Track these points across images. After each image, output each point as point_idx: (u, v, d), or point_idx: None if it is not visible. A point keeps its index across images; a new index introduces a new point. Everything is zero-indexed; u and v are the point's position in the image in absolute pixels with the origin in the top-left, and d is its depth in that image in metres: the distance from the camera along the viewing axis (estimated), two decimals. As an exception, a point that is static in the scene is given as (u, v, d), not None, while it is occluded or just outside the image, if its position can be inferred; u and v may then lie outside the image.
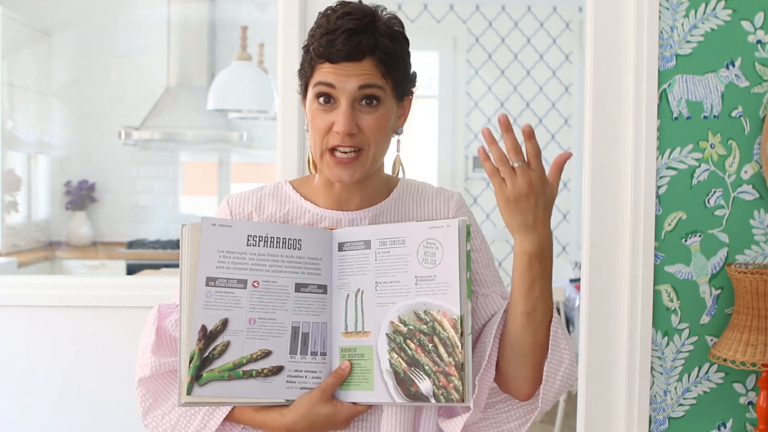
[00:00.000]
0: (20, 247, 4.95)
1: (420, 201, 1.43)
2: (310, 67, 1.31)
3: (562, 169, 1.25)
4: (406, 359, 1.29)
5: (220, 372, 1.27)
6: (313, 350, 1.32)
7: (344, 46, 1.26)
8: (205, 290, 1.29)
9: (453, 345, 1.26)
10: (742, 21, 2.35)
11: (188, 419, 1.34)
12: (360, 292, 1.33)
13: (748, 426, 2.40)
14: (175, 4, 5.33)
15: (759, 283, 2.20)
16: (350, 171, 1.31)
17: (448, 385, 1.26)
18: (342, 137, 1.28)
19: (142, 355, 1.38)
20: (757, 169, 2.37)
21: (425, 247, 1.31)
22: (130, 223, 5.51)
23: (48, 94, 5.40)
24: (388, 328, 1.30)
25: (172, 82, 5.36)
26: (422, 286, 1.30)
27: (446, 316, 1.28)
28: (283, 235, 1.33)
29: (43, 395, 2.61)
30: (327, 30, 1.28)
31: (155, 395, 1.36)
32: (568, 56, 5.74)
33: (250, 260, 1.31)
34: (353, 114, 1.29)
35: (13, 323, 2.60)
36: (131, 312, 2.59)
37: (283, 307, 1.31)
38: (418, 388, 1.28)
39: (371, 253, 1.34)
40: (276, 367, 1.30)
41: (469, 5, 5.71)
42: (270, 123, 5.30)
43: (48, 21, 5.30)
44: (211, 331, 1.28)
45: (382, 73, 1.29)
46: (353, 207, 1.40)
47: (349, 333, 1.33)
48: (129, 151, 5.49)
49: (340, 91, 1.28)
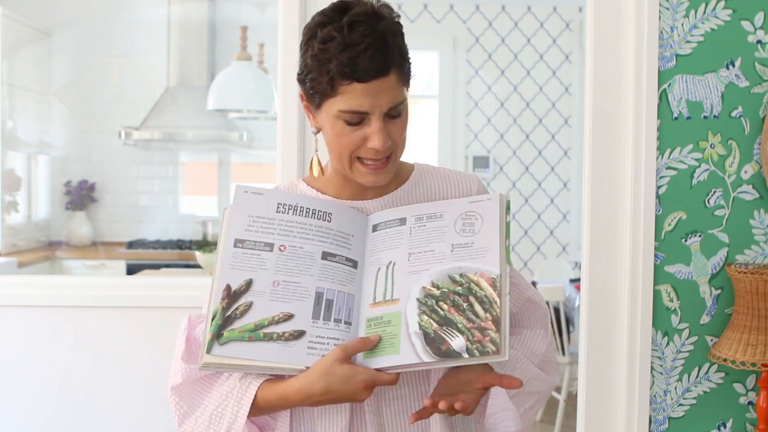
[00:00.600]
0: (20, 247, 4.95)
1: (442, 183, 1.44)
2: (331, 86, 1.26)
3: None
4: (437, 320, 1.26)
5: (241, 332, 1.26)
6: (336, 317, 1.30)
7: (372, 65, 1.24)
8: (233, 251, 1.30)
9: (491, 301, 1.25)
10: (742, 21, 2.35)
11: (220, 414, 1.31)
12: (391, 264, 1.32)
13: (748, 426, 2.40)
14: (175, 4, 5.32)
15: (759, 283, 2.20)
16: (384, 175, 1.34)
17: (484, 338, 1.23)
18: (377, 152, 1.29)
19: (174, 364, 1.37)
20: (757, 169, 2.37)
21: (463, 219, 1.32)
22: (130, 223, 5.51)
23: (48, 94, 5.39)
24: (420, 293, 1.28)
25: (172, 82, 5.36)
26: (458, 252, 1.30)
27: (484, 276, 1.27)
28: (313, 207, 1.35)
29: (43, 395, 2.61)
30: (345, 45, 1.24)
31: (189, 402, 1.35)
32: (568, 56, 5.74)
33: (279, 226, 1.33)
34: (386, 129, 1.29)
35: (13, 323, 2.60)
36: (131, 312, 2.59)
37: (308, 272, 1.30)
38: (449, 346, 1.24)
39: (406, 229, 1.34)
40: (297, 331, 1.27)
41: (469, 5, 5.71)
42: (270, 123, 5.30)
43: (48, 21, 5.30)
44: (235, 291, 1.28)
45: (402, 82, 1.30)
46: (371, 194, 1.41)
47: (377, 303, 1.31)
48: (129, 151, 5.49)
49: (372, 110, 1.27)
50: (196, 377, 1.34)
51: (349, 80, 1.25)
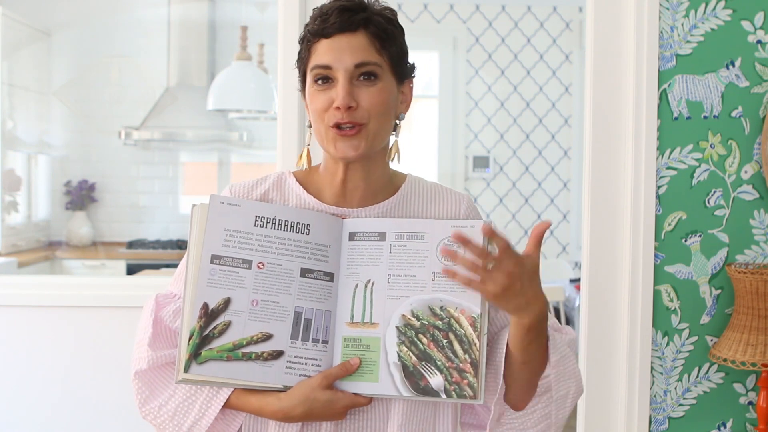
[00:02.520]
0: (20, 247, 4.95)
1: (429, 200, 1.42)
2: (307, 51, 1.32)
3: (541, 239, 1.21)
4: (416, 353, 1.27)
5: (219, 352, 1.26)
6: (314, 337, 1.30)
7: (337, 19, 1.28)
8: (210, 267, 1.28)
9: (470, 342, 1.26)
10: (742, 21, 2.35)
11: (187, 408, 1.33)
12: (370, 283, 1.31)
13: (748, 426, 2.40)
14: (175, 4, 5.32)
15: (759, 283, 2.20)
16: (354, 143, 1.30)
17: (462, 381, 1.25)
18: (342, 112, 1.28)
19: (139, 348, 1.37)
20: (757, 169, 2.37)
21: (446, 245, 1.30)
22: (130, 223, 5.51)
23: (48, 94, 5.39)
24: (399, 321, 1.29)
25: (172, 82, 5.36)
26: (439, 282, 1.28)
27: (464, 314, 1.27)
28: (291, 219, 1.32)
29: (43, 395, 2.61)
30: (320, 13, 1.32)
31: (151, 387, 1.35)
32: (568, 56, 5.74)
33: (257, 241, 1.30)
34: (351, 89, 1.28)
35: (13, 323, 2.60)
36: (131, 312, 2.59)
37: (287, 291, 1.30)
38: (428, 383, 1.26)
39: (386, 245, 1.32)
40: (276, 351, 1.28)
41: (469, 5, 5.71)
42: (270, 123, 5.30)
43: (48, 21, 5.30)
44: (212, 309, 1.27)
45: (377, 48, 1.30)
46: (357, 201, 1.38)
47: (354, 323, 1.31)
48: (129, 151, 5.49)
49: (337, 69, 1.28)
50: (162, 363, 1.35)
51: (317, 38, 1.30)
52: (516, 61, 5.74)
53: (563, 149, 5.76)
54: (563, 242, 5.82)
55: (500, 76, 5.74)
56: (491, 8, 5.72)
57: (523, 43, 5.74)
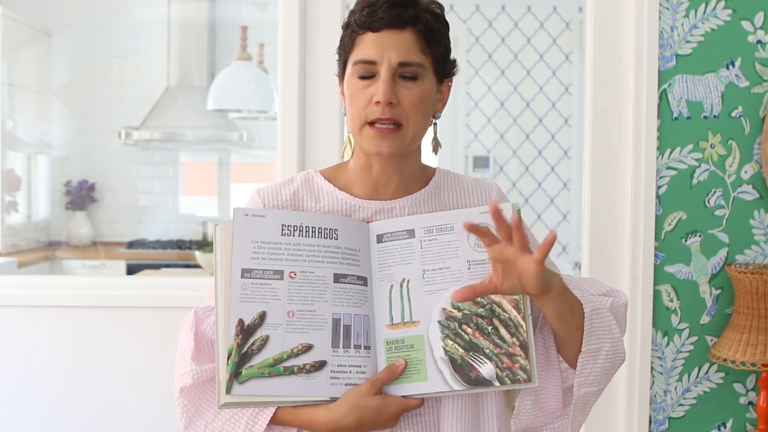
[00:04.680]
0: (20, 247, 4.95)
1: (460, 191, 1.41)
2: (351, 41, 1.30)
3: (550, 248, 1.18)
4: (462, 345, 1.24)
5: (260, 368, 1.22)
6: (356, 343, 1.26)
7: (386, 14, 1.26)
8: (241, 282, 1.24)
9: (516, 325, 1.23)
10: (742, 21, 2.35)
11: (233, 426, 1.27)
12: (405, 281, 1.28)
13: (748, 426, 2.40)
14: (175, 4, 5.32)
15: (759, 283, 2.20)
16: (389, 142, 1.29)
17: (513, 365, 1.22)
18: (382, 108, 1.26)
19: (182, 363, 1.32)
20: (757, 169, 2.37)
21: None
22: (130, 223, 5.51)
23: (48, 94, 5.39)
24: (441, 315, 1.25)
25: (172, 82, 5.36)
26: (476, 270, 1.26)
27: (506, 297, 1.24)
28: (318, 225, 1.29)
29: (43, 395, 2.61)
30: (369, 3, 1.29)
31: (197, 405, 1.30)
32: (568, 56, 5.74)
33: (286, 250, 1.26)
34: (393, 85, 1.27)
35: (13, 323, 2.60)
36: (131, 312, 2.59)
37: (323, 299, 1.26)
38: (478, 373, 1.22)
39: (416, 242, 1.30)
40: (318, 362, 1.24)
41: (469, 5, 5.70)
42: (270, 123, 5.30)
43: (48, 21, 5.30)
44: (248, 325, 1.23)
45: (422, 47, 1.28)
46: (390, 193, 1.36)
47: (395, 325, 1.27)
48: (129, 151, 5.49)
49: (380, 64, 1.27)
50: (206, 378, 1.31)
51: (363, 30, 1.28)
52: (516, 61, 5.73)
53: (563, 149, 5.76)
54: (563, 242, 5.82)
55: (500, 76, 5.74)
56: (491, 8, 5.71)
57: (523, 43, 5.73)
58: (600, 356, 1.28)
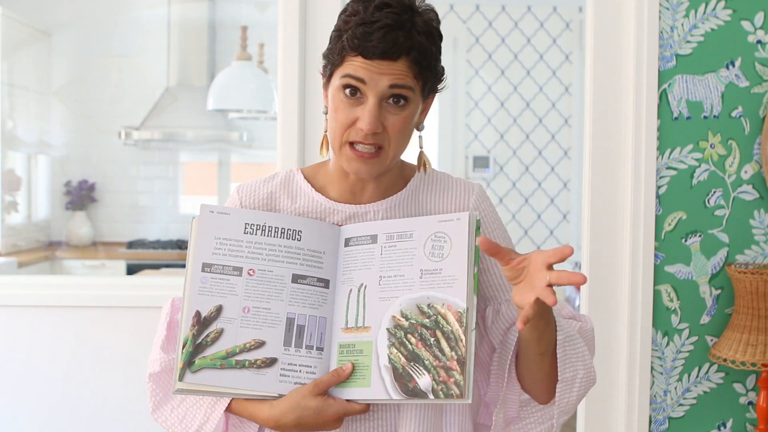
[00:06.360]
0: (20, 247, 4.95)
1: (438, 193, 1.39)
2: (340, 57, 1.25)
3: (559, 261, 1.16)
4: (405, 354, 1.24)
5: (212, 360, 1.26)
6: (308, 344, 1.29)
7: (380, 43, 1.21)
8: (201, 276, 1.29)
9: (456, 338, 1.22)
10: (742, 21, 2.35)
11: (193, 412, 1.33)
12: (363, 286, 1.29)
13: (748, 426, 2.40)
14: (175, 4, 5.32)
15: (759, 283, 2.20)
16: (368, 167, 1.28)
17: (449, 380, 1.21)
18: (365, 135, 1.25)
19: (153, 351, 1.37)
20: (757, 169, 2.37)
21: (433, 241, 1.27)
22: (130, 223, 5.51)
23: (48, 94, 5.39)
24: (390, 322, 1.26)
25: (172, 82, 5.36)
26: (427, 279, 1.26)
27: (451, 310, 1.23)
28: (281, 225, 1.31)
29: (43, 395, 2.61)
30: (363, 20, 1.22)
31: (165, 390, 1.36)
32: (568, 56, 5.74)
33: (247, 248, 1.30)
34: (379, 113, 1.24)
35: (13, 323, 2.60)
36: (131, 312, 2.59)
37: (279, 297, 1.29)
38: (416, 384, 1.22)
39: (377, 248, 1.30)
40: (269, 359, 1.27)
41: (469, 5, 5.70)
42: (270, 123, 5.30)
43: (48, 21, 5.30)
44: (205, 317, 1.27)
45: (414, 73, 1.25)
46: (366, 198, 1.36)
47: (348, 329, 1.29)
48: (129, 151, 5.49)
49: (370, 87, 1.23)
50: (174, 366, 1.34)
51: (355, 53, 1.23)
52: (516, 61, 5.74)
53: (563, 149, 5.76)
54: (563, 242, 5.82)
55: (500, 76, 5.74)
56: (491, 8, 5.71)
57: (523, 43, 5.74)
58: (575, 384, 1.29)
